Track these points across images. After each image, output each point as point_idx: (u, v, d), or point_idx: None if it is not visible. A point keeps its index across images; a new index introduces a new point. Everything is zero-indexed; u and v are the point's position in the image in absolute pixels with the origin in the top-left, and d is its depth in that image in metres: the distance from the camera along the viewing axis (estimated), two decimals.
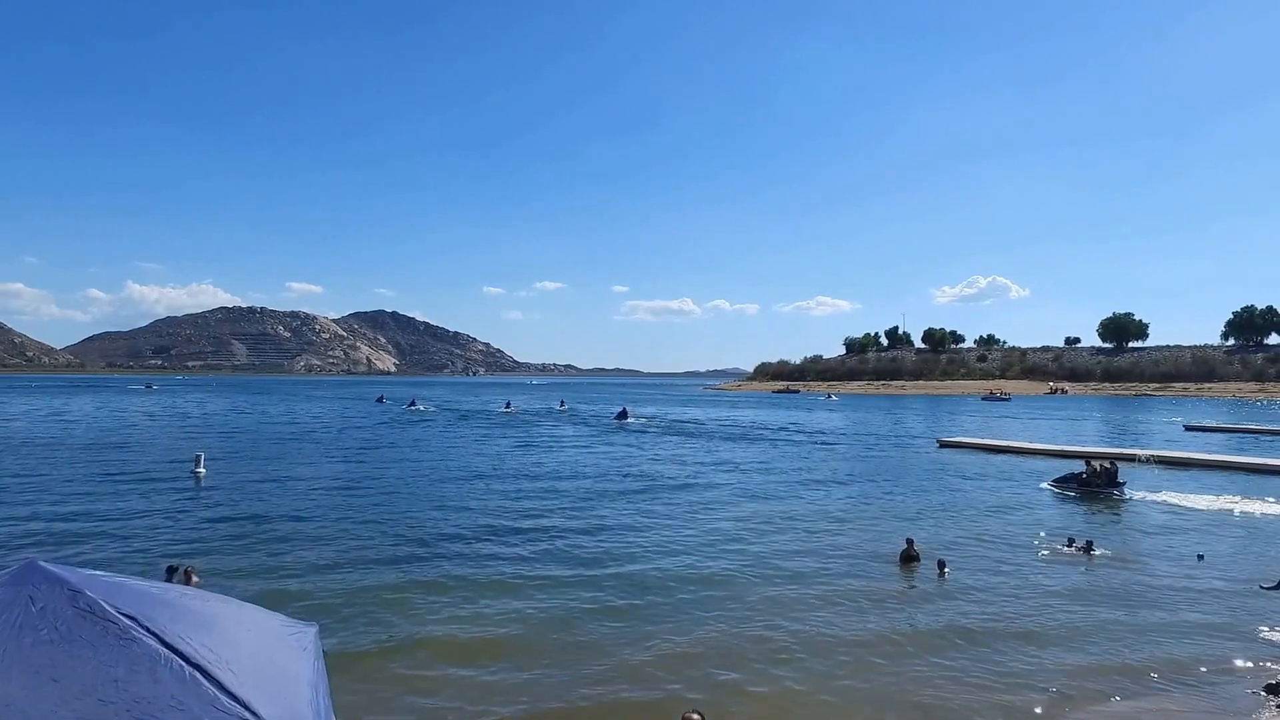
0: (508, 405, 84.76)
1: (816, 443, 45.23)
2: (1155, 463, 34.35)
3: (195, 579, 12.76)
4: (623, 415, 67.52)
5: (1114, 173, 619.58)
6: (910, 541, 16.33)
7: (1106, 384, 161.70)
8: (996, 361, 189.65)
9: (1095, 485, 26.64)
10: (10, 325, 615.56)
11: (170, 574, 12.84)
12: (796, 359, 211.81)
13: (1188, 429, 59.58)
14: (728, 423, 63.93)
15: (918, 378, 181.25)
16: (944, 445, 43.52)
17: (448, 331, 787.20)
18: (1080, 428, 64.38)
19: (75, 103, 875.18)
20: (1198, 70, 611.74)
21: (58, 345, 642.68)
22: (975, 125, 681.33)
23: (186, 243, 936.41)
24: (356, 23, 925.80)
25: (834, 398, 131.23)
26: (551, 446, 41.15)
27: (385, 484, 26.68)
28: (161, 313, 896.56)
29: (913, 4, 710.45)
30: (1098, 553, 16.98)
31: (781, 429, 56.60)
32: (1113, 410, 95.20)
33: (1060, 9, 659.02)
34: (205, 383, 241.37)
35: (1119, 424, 70.29)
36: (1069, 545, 17.49)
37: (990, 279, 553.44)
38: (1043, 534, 19.02)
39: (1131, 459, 31.50)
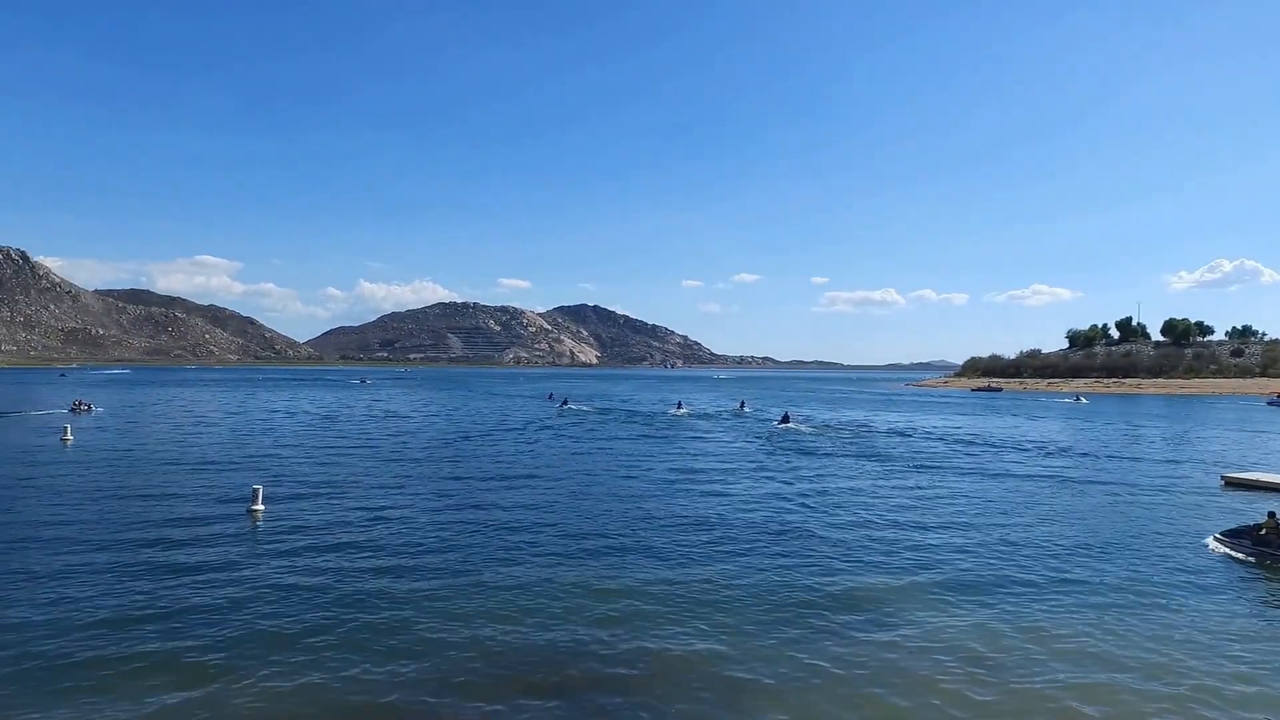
0: (679, 407, 78.51)
1: (1049, 474, 34.16)
2: None
3: None
4: (784, 420, 59.76)
5: None
6: None
7: None
8: (1256, 357, 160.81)
9: (1276, 546, 18.40)
10: (262, 321, 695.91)
11: None
12: (1010, 353, 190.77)
13: None
14: (926, 435, 53.04)
15: (1156, 375, 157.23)
16: (1230, 484, 31.30)
17: (646, 324, 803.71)
18: None
19: (292, 112, 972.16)
20: None
21: (301, 340, 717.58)
22: (1212, 88, 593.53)
23: (409, 241, 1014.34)
24: (546, 20, 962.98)
25: (1084, 400, 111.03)
26: (694, 478, 32.80)
27: (458, 551, 19.94)
28: (388, 309, 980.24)
29: None
30: None
31: (999, 448, 45.33)
32: None
33: None
34: (412, 376, 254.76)
35: None
36: None
37: (1237, 262, 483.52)
38: None
39: None
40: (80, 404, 67.53)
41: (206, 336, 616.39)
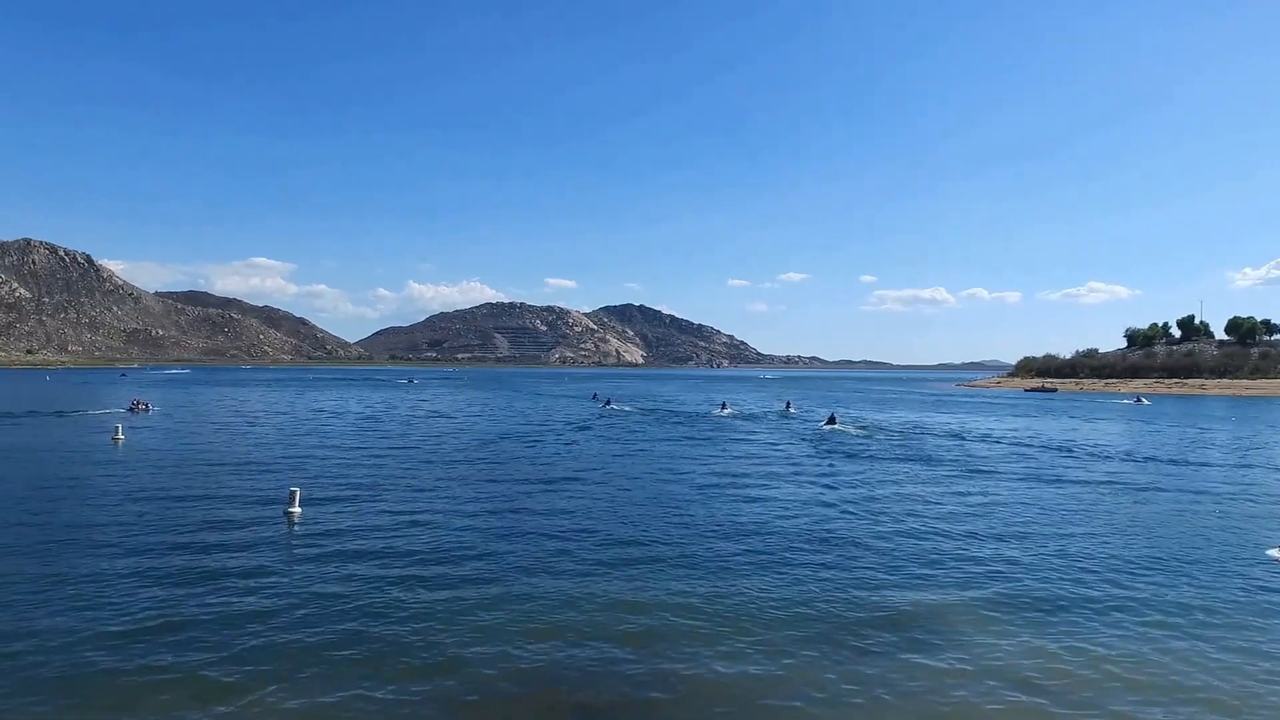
0: (723, 407, 77.75)
1: (1109, 480, 32.47)
2: None
3: None
4: (831, 421, 58.66)
5: None
6: None
7: None
8: None
9: None
10: (314, 322, 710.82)
11: None
12: (1065, 352, 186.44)
13: None
14: (978, 437, 51.22)
15: (1220, 375, 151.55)
16: None
17: (692, 324, 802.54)
18: None
19: (343, 115, 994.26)
20: None
21: (351, 340, 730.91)
22: (1275, 79, 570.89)
23: (456, 242, 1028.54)
24: (590, 20, 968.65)
25: (1145, 402, 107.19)
26: (736, 482, 31.93)
27: (489, 560, 19.51)
28: (436, 309, 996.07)
29: None
30: None
31: (1055, 451, 43.58)
32: None
33: None
34: (458, 376, 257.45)
35: None
36: None
37: None
38: None
39: None
40: (138, 403, 69.11)
41: (261, 337, 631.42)
